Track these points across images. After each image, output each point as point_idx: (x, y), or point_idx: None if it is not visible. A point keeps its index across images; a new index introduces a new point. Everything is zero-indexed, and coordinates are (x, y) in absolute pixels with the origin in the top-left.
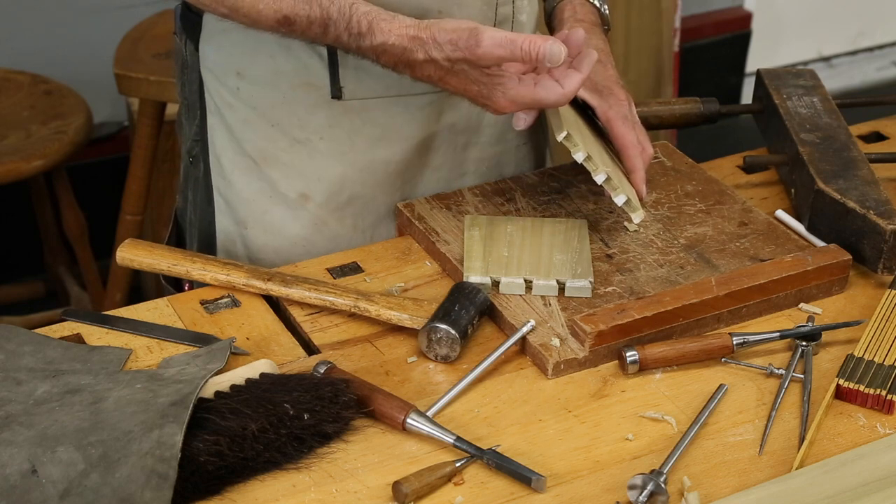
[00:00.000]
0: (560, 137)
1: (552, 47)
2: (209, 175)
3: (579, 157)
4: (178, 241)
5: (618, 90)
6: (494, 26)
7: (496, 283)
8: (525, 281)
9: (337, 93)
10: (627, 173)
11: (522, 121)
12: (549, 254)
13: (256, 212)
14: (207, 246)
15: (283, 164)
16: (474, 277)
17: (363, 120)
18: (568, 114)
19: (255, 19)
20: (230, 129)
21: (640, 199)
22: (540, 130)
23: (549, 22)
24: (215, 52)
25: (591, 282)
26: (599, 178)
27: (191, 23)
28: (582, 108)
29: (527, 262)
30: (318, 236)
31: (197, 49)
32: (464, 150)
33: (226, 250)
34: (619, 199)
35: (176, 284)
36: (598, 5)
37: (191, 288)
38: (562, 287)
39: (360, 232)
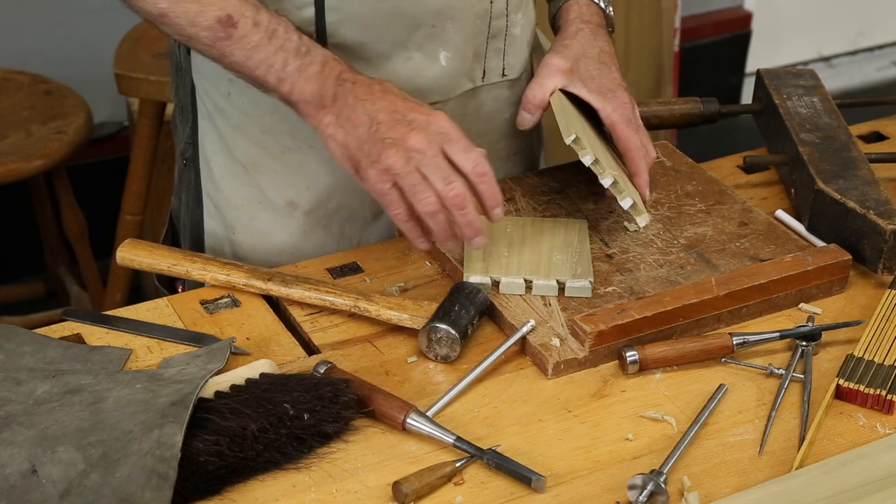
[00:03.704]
0: (568, 140)
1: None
2: (199, 178)
3: (587, 160)
4: (173, 241)
5: (621, 93)
6: (488, 39)
7: (496, 283)
8: (525, 281)
9: None
10: (631, 176)
11: (528, 120)
12: (549, 254)
13: (244, 217)
14: (198, 249)
15: (272, 171)
16: (474, 277)
17: None
18: (573, 116)
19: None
20: (221, 134)
21: (644, 202)
22: (535, 137)
23: (554, 21)
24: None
25: (591, 282)
26: (606, 182)
27: None
28: (586, 110)
29: (527, 262)
30: (305, 244)
31: (189, 52)
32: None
33: (214, 254)
34: (626, 203)
35: (170, 287)
36: (602, 6)
37: (184, 289)
38: (562, 287)
39: (346, 239)
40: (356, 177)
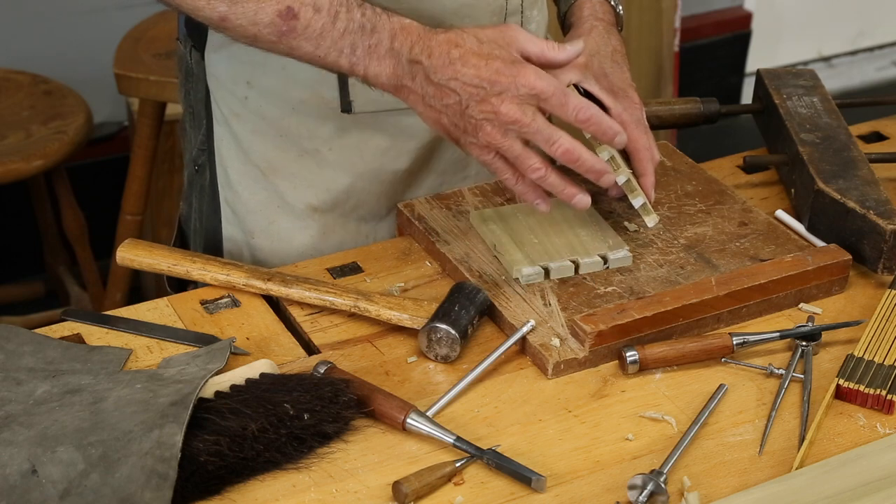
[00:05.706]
0: (588, 135)
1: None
2: (215, 184)
3: (604, 155)
4: (181, 247)
5: (632, 93)
6: None
7: (546, 271)
8: (571, 262)
9: (347, 107)
10: (637, 177)
11: None
12: (573, 232)
13: (263, 222)
14: (213, 253)
15: (291, 175)
16: (527, 269)
17: (373, 130)
18: None
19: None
20: (237, 139)
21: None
22: None
23: (564, 20)
24: (225, 61)
25: (629, 250)
26: (621, 179)
27: (197, 31)
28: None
29: (560, 244)
30: (325, 244)
31: (203, 57)
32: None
33: (232, 258)
34: (637, 202)
35: (178, 289)
36: (613, 4)
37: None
38: (605, 261)
39: (363, 235)
40: (458, 146)
